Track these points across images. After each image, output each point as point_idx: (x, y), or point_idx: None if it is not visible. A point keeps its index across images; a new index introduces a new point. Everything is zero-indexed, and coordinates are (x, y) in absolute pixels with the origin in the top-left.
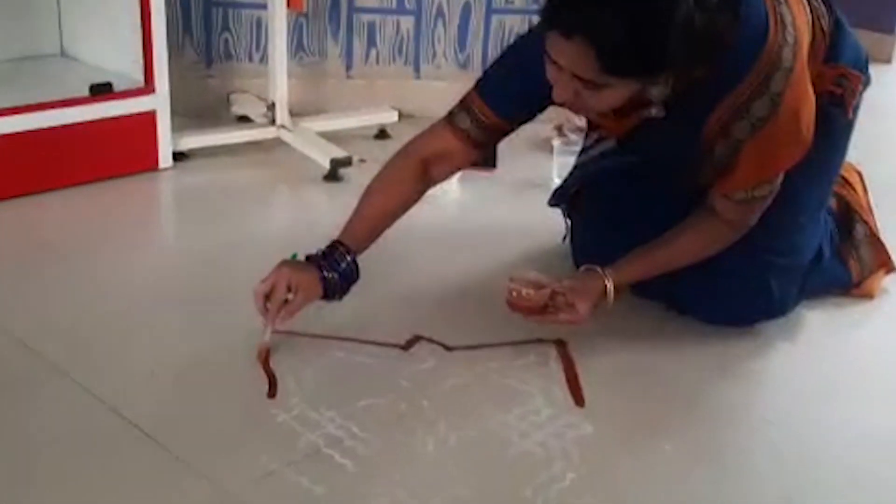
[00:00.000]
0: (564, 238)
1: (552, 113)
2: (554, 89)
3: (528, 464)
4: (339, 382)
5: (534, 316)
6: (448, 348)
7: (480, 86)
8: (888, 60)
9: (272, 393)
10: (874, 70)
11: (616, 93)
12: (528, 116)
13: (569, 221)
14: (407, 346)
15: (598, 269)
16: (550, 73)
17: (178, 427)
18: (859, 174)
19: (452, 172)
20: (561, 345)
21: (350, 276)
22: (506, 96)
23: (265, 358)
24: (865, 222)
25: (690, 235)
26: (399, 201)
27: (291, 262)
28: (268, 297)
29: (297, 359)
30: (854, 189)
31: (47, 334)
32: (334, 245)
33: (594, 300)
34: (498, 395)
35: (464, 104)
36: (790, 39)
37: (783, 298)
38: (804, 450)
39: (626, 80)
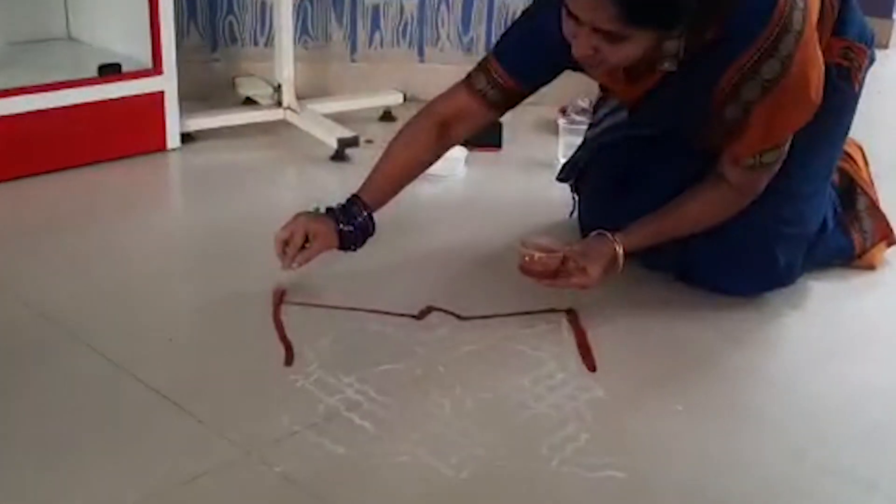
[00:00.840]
0: (571, 213)
1: (558, 93)
2: (573, 44)
3: (544, 424)
4: (355, 350)
5: (546, 280)
6: (461, 318)
7: (497, 48)
8: (885, 45)
9: (289, 360)
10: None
11: (634, 46)
12: (544, 80)
13: (576, 196)
14: (420, 315)
15: (608, 234)
16: (569, 28)
17: (198, 392)
18: (861, 149)
19: (470, 132)
20: (572, 314)
21: (366, 230)
22: (521, 59)
23: (281, 326)
24: (867, 195)
25: (700, 202)
26: (418, 159)
27: (310, 213)
28: (286, 243)
29: (313, 328)
30: (856, 163)
31: (65, 305)
32: (352, 199)
33: (605, 264)
34: (512, 361)
35: (481, 66)
36: (800, 3)
37: (789, 268)
38: (812, 406)
39: (644, 30)
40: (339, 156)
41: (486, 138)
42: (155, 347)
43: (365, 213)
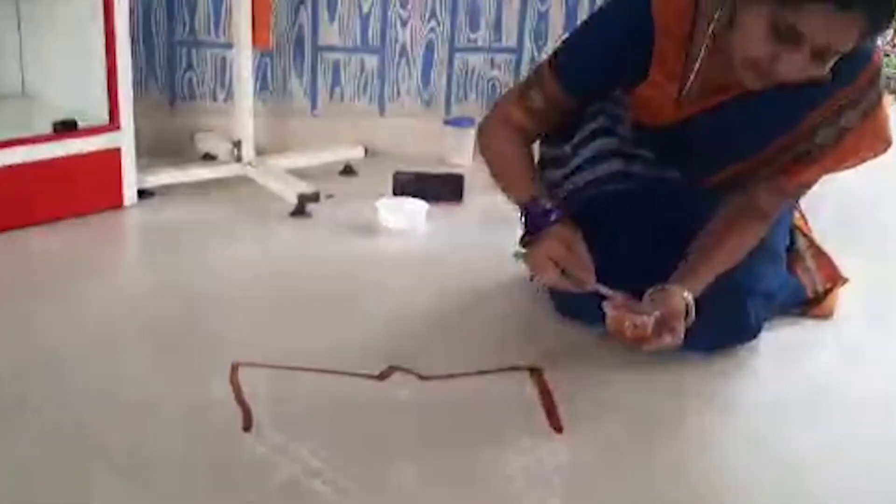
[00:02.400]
0: (533, 277)
1: None
2: (770, 67)
3: (510, 491)
4: (315, 413)
5: (639, 344)
6: (423, 377)
7: (558, 63)
8: None
9: (247, 425)
10: None
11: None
12: (605, 95)
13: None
14: (382, 376)
15: (673, 287)
16: (772, 47)
17: (152, 460)
18: None
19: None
20: (536, 372)
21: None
22: (585, 78)
23: (238, 389)
24: (804, 235)
25: (740, 235)
26: (526, 151)
27: (537, 244)
28: (563, 271)
29: (272, 391)
30: None
31: (15, 368)
32: (540, 200)
33: (684, 319)
34: (476, 424)
35: (538, 81)
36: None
37: (758, 321)
38: (785, 463)
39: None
40: (299, 211)
41: (447, 192)
42: (104, 413)
43: (552, 201)
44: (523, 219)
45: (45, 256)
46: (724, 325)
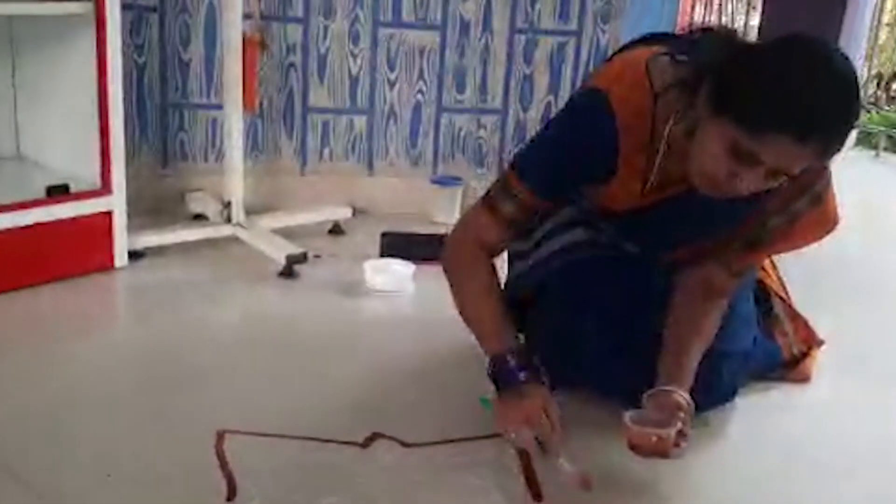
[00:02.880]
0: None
1: None
2: (730, 182)
3: None
4: (298, 482)
5: (660, 455)
6: (406, 445)
7: (525, 173)
8: None
9: (231, 495)
10: None
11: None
12: (579, 198)
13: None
14: (365, 443)
15: (671, 388)
16: (729, 165)
17: None
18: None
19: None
20: None
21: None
22: (557, 183)
23: (223, 458)
24: (781, 298)
25: (712, 319)
26: (494, 283)
27: (512, 399)
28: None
29: (256, 460)
30: (764, 269)
31: (1, 436)
32: (508, 357)
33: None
34: (455, 492)
35: (506, 191)
36: None
37: (733, 384)
38: None
39: None
40: (287, 272)
41: (434, 252)
42: (89, 482)
43: (527, 357)
44: (490, 370)
45: (35, 318)
46: (702, 390)
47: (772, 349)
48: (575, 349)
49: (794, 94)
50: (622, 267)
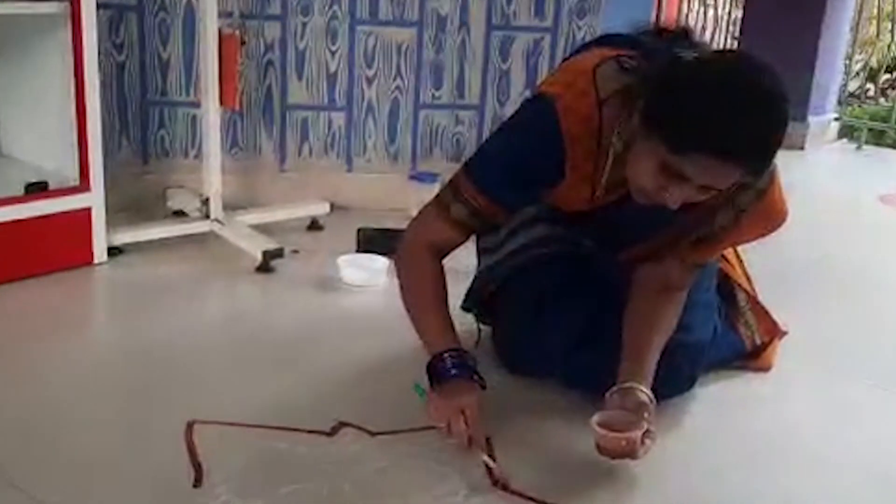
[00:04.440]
0: (477, 343)
1: None
2: (659, 194)
3: None
4: (265, 469)
5: (627, 456)
6: (372, 433)
7: (475, 177)
8: (801, 147)
9: (198, 482)
10: (789, 156)
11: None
12: (532, 201)
13: (482, 326)
14: (332, 432)
15: (632, 385)
16: (659, 180)
17: None
18: (733, 247)
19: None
20: None
21: (475, 363)
22: (507, 187)
23: (192, 447)
24: (745, 291)
25: (670, 315)
26: (440, 286)
27: (442, 395)
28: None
29: (224, 448)
30: (728, 261)
31: None
32: (456, 354)
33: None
34: (418, 477)
35: (457, 195)
36: None
37: (692, 374)
38: None
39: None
40: (264, 267)
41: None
42: (62, 472)
43: (465, 355)
44: (427, 365)
45: (14, 313)
46: (658, 378)
47: (734, 340)
48: (538, 342)
49: (713, 115)
50: (582, 262)
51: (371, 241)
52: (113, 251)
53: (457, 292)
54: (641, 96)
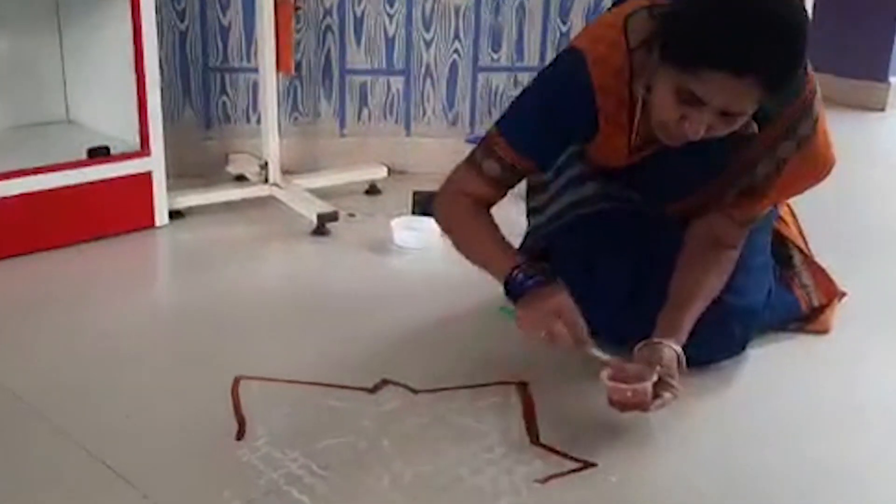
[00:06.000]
0: None
1: None
2: (678, 125)
3: (477, 498)
4: (305, 424)
5: (639, 408)
6: (414, 391)
7: (506, 132)
8: (882, 108)
9: (241, 435)
10: (868, 118)
11: (747, 117)
12: (559, 156)
13: None
14: (374, 389)
15: (662, 341)
16: (680, 111)
17: (147, 467)
18: (788, 205)
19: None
20: (522, 386)
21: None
22: (539, 144)
23: (237, 401)
24: (800, 250)
25: (716, 273)
26: (485, 216)
27: (529, 306)
28: (556, 335)
29: (268, 403)
30: (785, 221)
31: (34, 382)
32: (515, 272)
33: (678, 371)
34: (455, 434)
35: (489, 151)
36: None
37: (744, 337)
38: (756, 485)
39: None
40: (319, 230)
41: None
42: (112, 422)
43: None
44: (504, 290)
45: (78, 274)
46: (709, 340)
47: (790, 301)
48: (586, 300)
49: (726, 30)
50: (632, 219)
51: (426, 204)
52: (175, 215)
53: None
54: (659, 33)
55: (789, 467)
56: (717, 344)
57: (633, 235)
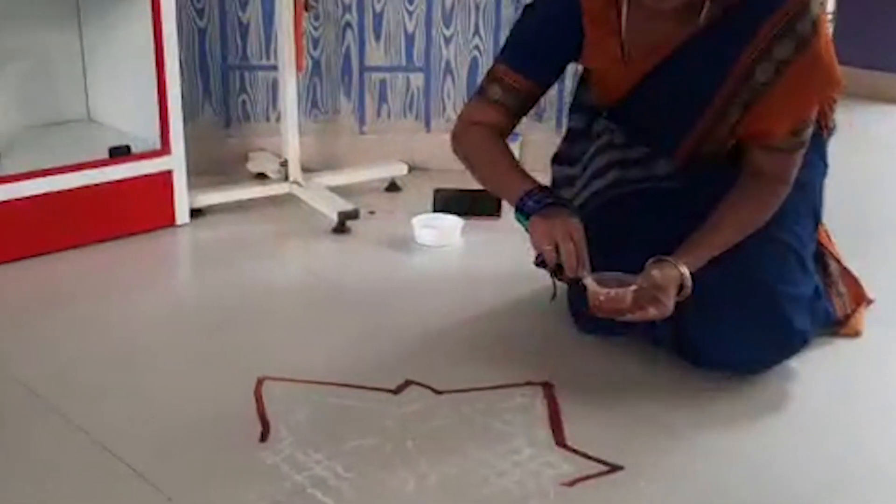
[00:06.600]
0: (553, 297)
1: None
2: None
3: (504, 501)
4: (329, 426)
5: (620, 316)
6: (438, 392)
7: (504, 54)
8: None
9: (264, 436)
10: (884, 109)
11: None
12: (557, 73)
13: (558, 282)
14: (398, 390)
15: (669, 258)
16: None
17: (171, 468)
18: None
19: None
20: (548, 387)
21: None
22: (531, 57)
23: (261, 402)
24: (836, 260)
25: (747, 205)
26: (500, 144)
27: (546, 218)
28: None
29: (291, 404)
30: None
31: (57, 380)
32: (536, 189)
33: (675, 290)
34: (481, 435)
35: (492, 76)
36: None
37: (803, 332)
38: (783, 490)
39: None
40: (340, 228)
41: (485, 208)
42: (135, 422)
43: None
44: (520, 208)
45: (100, 272)
46: (767, 336)
47: (829, 308)
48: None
49: None
50: (659, 202)
51: (447, 202)
52: (196, 213)
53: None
54: None
55: (826, 471)
56: (777, 340)
57: (661, 221)
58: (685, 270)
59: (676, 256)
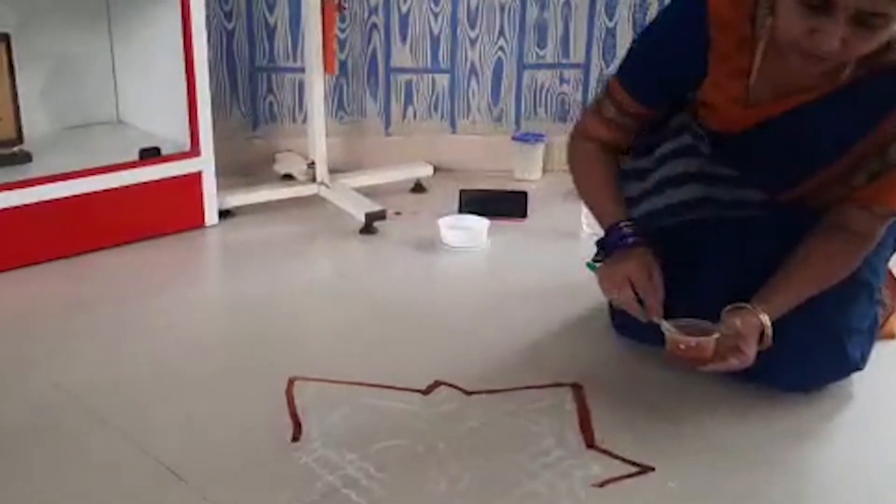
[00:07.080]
0: (614, 316)
1: None
2: (815, 40)
3: (535, 503)
4: (360, 426)
5: (700, 365)
6: (467, 393)
7: (620, 74)
8: None
9: (296, 437)
10: None
11: (886, 31)
12: (672, 101)
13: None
14: (427, 391)
15: (748, 306)
16: (812, 23)
17: (206, 468)
18: None
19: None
20: (577, 388)
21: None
22: (642, 80)
23: (292, 402)
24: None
25: (829, 257)
26: (607, 167)
27: (611, 265)
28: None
29: (323, 405)
30: None
31: (87, 380)
32: (621, 224)
33: (756, 340)
34: (511, 437)
35: (608, 91)
36: None
37: (860, 358)
38: (818, 495)
39: None
40: (367, 229)
41: (512, 209)
42: (170, 423)
43: (636, 226)
44: (602, 239)
45: (130, 273)
46: (822, 366)
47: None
48: (676, 310)
49: None
50: (733, 229)
51: (473, 203)
52: (224, 214)
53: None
54: None
55: (866, 474)
56: (832, 370)
57: (734, 247)
58: (766, 320)
59: (756, 303)
